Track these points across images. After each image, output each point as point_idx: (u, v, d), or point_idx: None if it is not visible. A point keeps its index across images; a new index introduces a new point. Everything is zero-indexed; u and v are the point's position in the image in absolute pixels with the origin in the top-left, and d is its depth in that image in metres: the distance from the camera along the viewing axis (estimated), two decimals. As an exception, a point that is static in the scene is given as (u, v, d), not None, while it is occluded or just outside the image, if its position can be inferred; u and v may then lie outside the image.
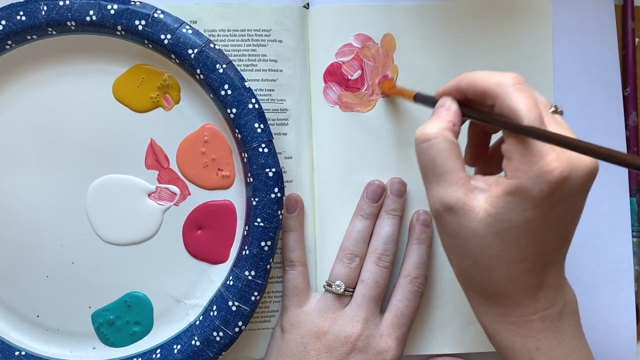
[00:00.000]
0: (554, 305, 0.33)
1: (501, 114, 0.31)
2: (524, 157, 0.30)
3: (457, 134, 0.32)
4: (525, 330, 0.33)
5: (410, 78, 0.44)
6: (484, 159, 0.37)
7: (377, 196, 0.43)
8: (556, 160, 0.29)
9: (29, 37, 0.41)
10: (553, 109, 0.33)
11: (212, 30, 0.43)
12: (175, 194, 0.43)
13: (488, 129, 0.36)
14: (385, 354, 0.40)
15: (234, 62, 0.41)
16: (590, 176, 0.30)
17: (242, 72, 0.41)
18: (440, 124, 0.32)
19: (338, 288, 0.41)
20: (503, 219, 0.30)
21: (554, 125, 0.31)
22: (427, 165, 0.32)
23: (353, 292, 0.42)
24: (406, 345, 0.42)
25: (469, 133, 0.37)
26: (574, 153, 0.29)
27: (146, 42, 0.40)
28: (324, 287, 0.42)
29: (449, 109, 0.33)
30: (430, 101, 0.36)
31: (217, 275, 0.42)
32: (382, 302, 0.42)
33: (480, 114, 0.33)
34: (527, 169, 0.29)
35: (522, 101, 0.30)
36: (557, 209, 0.30)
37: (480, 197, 0.31)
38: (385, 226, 0.42)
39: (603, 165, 0.45)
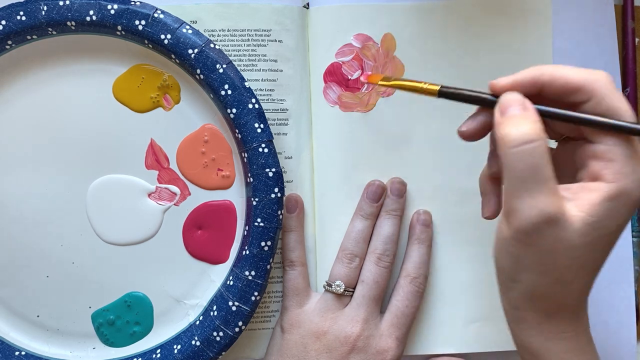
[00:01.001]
0: (587, 319, 0.33)
1: (596, 114, 0.29)
2: (628, 158, 0.28)
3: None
4: (575, 344, 0.32)
5: (411, 78, 0.44)
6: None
7: (377, 196, 0.43)
8: None
9: (29, 37, 0.41)
10: None
11: (212, 30, 0.43)
12: (175, 194, 0.43)
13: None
14: (385, 354, 0.40)
15: (234, 62, 0.41)
16: None
17: (242, 72, 0.41)
18: (535, 123, 0.29)
19: (338, 288, 0.41)
20: (600, 227, 0.28)
21: None
22: (525, 172, 0.28)
23: (353, 292, 0.42)
24: (406, 345, 0.43)
25: (489, 176, 0.35)
26: None
27: (146, 42, 0.40)
28: (324, 287, 0.42)
29: (527, 108, 0.30)
30: (475, 97, 0.32)
31: (217, 275, 0.42)
32: (382, 302, 0.42)
33: (575, 115, 0.30)
34: (633, 171, 0.28)
35: (623, 102, 0.29)
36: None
37: (572, 206, 0.29)
38: (386, 226, 0.42)
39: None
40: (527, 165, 0.28)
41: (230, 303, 0.40)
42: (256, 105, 0.40)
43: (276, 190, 0.40)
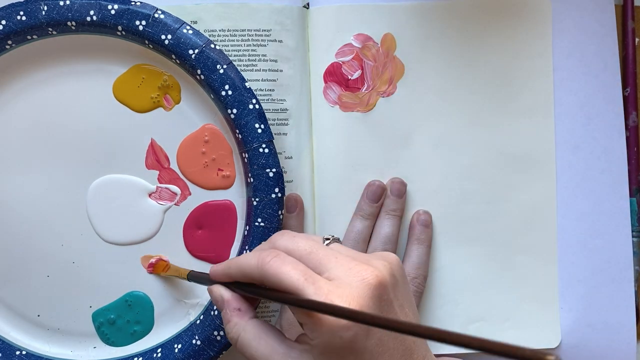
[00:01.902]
0: None
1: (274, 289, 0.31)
2: (310, 319, 0.29)
3: (250, 311, 0.33)
4: None
5: (411, 78, 0.44)
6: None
7: (377, 196, 0.43)
8: (352, 289, 0.29)
9: (29, 37, 0.41)
10: (328, 240, 0.33)
11: (213, 31, 0.43)
12: (175, 193, 0.43)
13: None
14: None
15: (234, 62, 0.41)
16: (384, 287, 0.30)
17: (242, 72, 0.41)
18: (231, 320, 0.33)
19: None
20: None
21: (327, 263, 0.31)
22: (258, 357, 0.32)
23: None
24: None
25: None
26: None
27: (146, 42, 0.40)
28: None
29: (223, 299, 0.34)
30: (204, 280, 0.37)
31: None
32: None
33: (254, 290, 0.33)
34: (319, 326, 0.29)
35: (281, 271, 0.30)
36: (370, 341, 0.30)
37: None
38: (385, 226, 0.43)
39: (604, 165, 0.45)
40: (251, 357, 0.32)
41: (231, 303, 0.40)
42: (256, 106, 0.40)
43: (276, 190, 0.40)
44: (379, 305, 0.29)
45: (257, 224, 0.40)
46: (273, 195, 0.40)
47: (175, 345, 0.41)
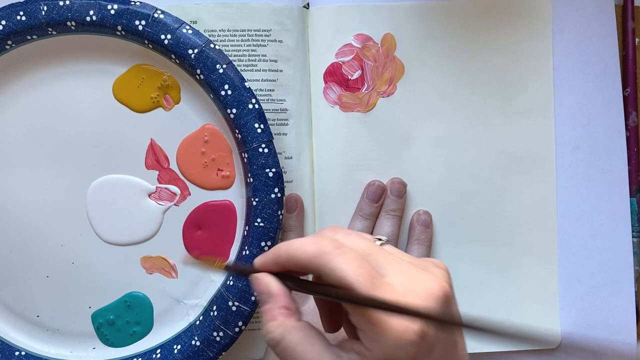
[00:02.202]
0: None
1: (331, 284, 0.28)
2: (374, 326, 0.26)
3: (298, 312, 0.29)
4: None
5: (411, 78, 0.44)
6: (344, 320, 0.32)
7: (377, 196, 0.43)
8: (403, 320, 0.26)
9: (29, 37, 0.41)
10: (379, 242, 0.31)
11: (212, 31, 0.43)
12: (175, 194, 0.43)
13: None
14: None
15: (234, 62, 0.41)
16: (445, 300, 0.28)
17: (242, 72, 0.41)
18: (277, 319, 0.29)
19: None
20: None
21: (389, 267, 0.28)
22: None
23: None
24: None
25: (315, 300, 0.33)
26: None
27: (146, 42, 0.40)
28: None
29: (272, 293, 0.29)
30: (245, 273, 0.33)
31: (217, 275, 0.42)
32: None
33: (310, 286, 0.29)
34: (384, 337, 0.26)
35: (346, 267, 0.27)
36: (434, 353, 0.27)
37: None
38: (385, 226, 0.43)
39: (604, 165, 0.45)
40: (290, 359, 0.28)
41: (230, 303, 0.40)
42: (256, 106, 0.40)
43: (276, 190, 0.40)
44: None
45: (256, 224, 0.40)
46: (273, 196, 0.40)
47: (175, 346, 0.41)
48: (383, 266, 0.28)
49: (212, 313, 0.41)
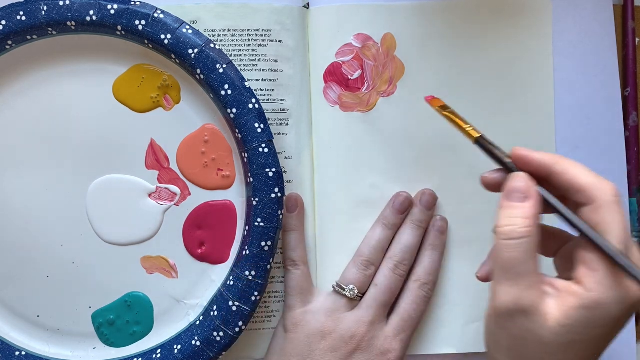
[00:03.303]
0: None
1: (589, 223, 0.30)
2: (611, 272, 0.29)
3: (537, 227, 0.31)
4: None
5: (411, 78, 0.44)
6: (549, 251, 0.36)
7: (404, 208, 0.43)
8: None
9: (29, 37, 0.41)
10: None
11: (212, 30, 0.43)
12: (175, 194, 0.43)
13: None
14: (389, 355, 0.40)
15: (234, 62, 0.41)
16: None
17: (242, 72, 0.41)
18: (528, 219, 0.31)
19: (352, 292, 0.41)
20: (574, 332, 0.29)
21: (634, 247, 0.31)
22: (509, 263, 0.30)
23: (362, 296, 0.42)
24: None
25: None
26: None
27: (146, 42, 0.40)
28: (334, 288, 0.42)
29: (529, 197, 0.31)
30: (498, 159, 0.34)
31: (217, 275, 0.42)
32: (390, 307, 0.42)
33: (569, 216, 0.31)
34: (613, 287, 0.29)
35: (619, 219, 0.30)
36: (617, 326, 0.30)
37: (552, 303, 0.30)
38: (408, 235, 0.42)
39: (602, 165, 0.45)
40: (510, 257, 0.30)
41: (231, 303, 0.40)
42: (256, 105, 0.40)
43: (276, 190, 0.40)
44: None
45: (257, 224, 0.40)
46: (273, 195, 0.40)
47: (175, 346, 0.41)
48: (628, 245, 0.30)
49: (212, 313, 0.41)
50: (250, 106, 0.40)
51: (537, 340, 0.30)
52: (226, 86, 0.40)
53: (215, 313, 0.41)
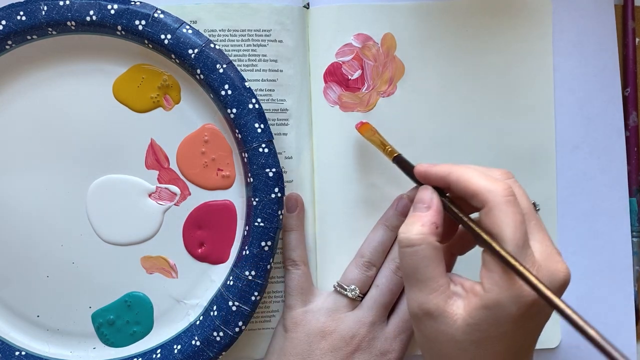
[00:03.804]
0: None
1: (484, 226, 0.31)
2: (504, 274, 0.30)
3: (440, 236, 0.33)
4: None
5: (411, 78, 0.44)
6: (451, 237, 0.37)
7: (407, 210, 0.43)
8: (547, 273, 0.30)
9: (29, 37, 0.41)
10: (536, 208, 0.34)
11: (212, 30, 0.43)
12: (175, 194, 0.43)
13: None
14: (389, 355, 0.41)
15: (234, 62, 0.41)
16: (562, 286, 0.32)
17: (242, 72, 0.41)
18: (423, 227, 0.32)
19: (353, 293, 0.41)
20: (481, 330, 0.30)
21: (536, 233, 0.32)
22: (409, 270, 0.32)
23: (363, 297, 0.42)
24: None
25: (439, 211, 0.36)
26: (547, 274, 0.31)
27: (146, 42, 0.40)
28: (336, 288, 0.42)
29: (431, 207, 0.33)
30: (409, 172, 0.37)
31: (217, 275, 0.42)
32: (390, 308, 0.42)
33: (464, 221, 0.33)
34: (507, 287, 0.30)
35: (511, 218, 0.30)
36: (530, 323, 0.31)
37: (459, 304, 0.31)
38: None
39: (603, 165, 0.45)
40: (408, 265, 0.32)
41: (231, 303, 0.40)
42: (256, 105, 0.40)
43: (276, 190, 0.40)
44: None
45: (257, 224, 0.40)
46: (273, 195, 0.40)
47: (175, 346, 0.41)
48: (532, 232, 0.32)
49: (212, 313, 0.41)
50: (250, 106, 0.40)
51: (449, 339, 0.31)
52: (226, 86, 0.40)
53: (215, 313, 0.41)
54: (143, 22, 0.40)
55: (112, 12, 0.40)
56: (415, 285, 0.32)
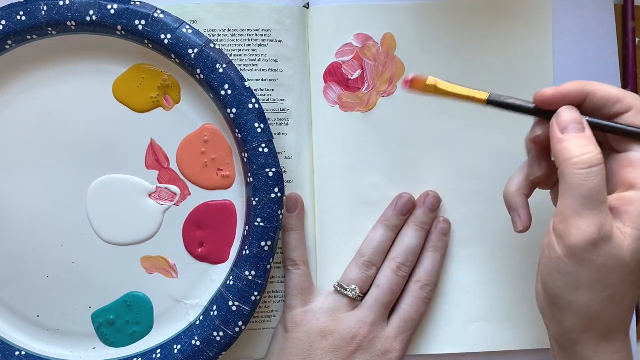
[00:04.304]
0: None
1: (635, 125, 0.32)
2: None
3: None
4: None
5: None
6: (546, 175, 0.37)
7: (407, 210, 0.43)
8: None
9: (29, 37, 0.41)
10: None
11: (212, 30, 0.43)
12: (175, 194, 0.43)
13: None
14: (390, 355, 0.41)
15: (234, 62, 0.41)
16: None
17: (242, 72, 0.41)
18: (597, 147, 0.31)
19: (354, 292, 0.41)
20: None
21: None
22: (595, 190, 0.30)
23: (364, 296, 0.42)
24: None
25: (534, 147, 0.36)
26: None
27: (146, 42, 0.40)
28: (336, 288, 0.42)
29: (587, 125, 0.32)
30: (525, 110, 0.35)
31: (217, 275, 0.42)
32: (391, 307, 0.42)
33: (620, 127, 0.33)
34: None
35: None
36: None
37: (618, 222, 0.31)
38: (411, 237, 0.42)
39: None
40: (595, 185, 0.30)
41: (231, 303, 0.40)
42: (256, 105, 0.40)
43: (276, 190, 0.40)
44: None
45: (257, 224, 0.40)
46: (273, 195, 0.40)
47: (175, 346, 0.41)
48: None
49: (212, 313, 0.41)
50: (250, 106, 0.40)
51: (619, 263, 0.30)
52: (226, 86, 0.40)
53: (215, 313, 0.41)
54: (143, 22, 0.40)
55: (112, 12, 0.40)
56: (596, 207, 0.30)
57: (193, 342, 0.41)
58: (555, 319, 0.33)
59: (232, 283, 0.41)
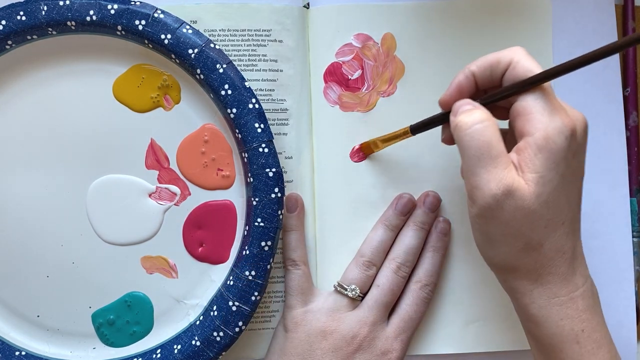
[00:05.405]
0: (586, 282, 0.34)
1: (514, 78, 0.33)
2: (544, 109, 0.32)
3: None
4: (571, 310, 0.33)
5: (411, 78, 0.44)
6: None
7: (407, 210, 0.43)
8: (570, 113, 0.32)
9: (29, 37, 0.41)
10: None
11: (212, 30, 0.43)
12: (175, 194, 0.43)
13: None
14: (390, 355, 0.41)
15: (234, 62, 0.41)
16: (586, 127, 0.33)
17: (242, 72, 0.41)
18: (483, 110, 0.33)
19: (354, 292, 0.41)
20: (545, 182, 0.31)
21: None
22: (483, 147, 0.32)
23: (364, 296, 0.42)
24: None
25: None
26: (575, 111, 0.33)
27: (146, 42, 0.40)
28: (336, 288, 0.42)
29: (475, 104, 0.34)
30: (436, 119, 0.37)
31: (217, 275, 0.42)
32: (391, 307, 0.42)
33: (500, 91, 0.34)
34: (549, 121, 0.31)
35: (536, 64, 0.33)
36: (573, 162, 0.32)
37: (519, 172, 0.32)
38: (411, 237, 0.42)
39: (604, 165, 0.45)
40: (481, 142, 0.32)
41: (231, 303, 0.40)
42: (256, 105, 0.40)
43: (276, 190, 0.40)
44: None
45: (257, 223, 0.40)
46: (273, 195, 0.40)
47: (175, 346, 0.41)
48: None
49: (212, 313, 0.41)
50: (250, 106, 0.40)
51: (526, 213, 0.32)
52: (226, 86, 0.40)
53: (215, 313, 0.41)
54: (143, 22, 0.40)
55: (112, 12, 0.40)
56: (490, 163, 0.31)
57: (193, 342, 0.41)
58: (492, 270, 0.36)
59: (232, 283, 0.41)
